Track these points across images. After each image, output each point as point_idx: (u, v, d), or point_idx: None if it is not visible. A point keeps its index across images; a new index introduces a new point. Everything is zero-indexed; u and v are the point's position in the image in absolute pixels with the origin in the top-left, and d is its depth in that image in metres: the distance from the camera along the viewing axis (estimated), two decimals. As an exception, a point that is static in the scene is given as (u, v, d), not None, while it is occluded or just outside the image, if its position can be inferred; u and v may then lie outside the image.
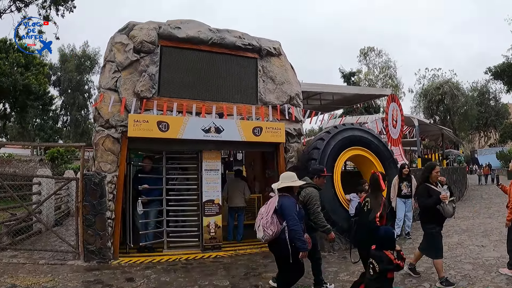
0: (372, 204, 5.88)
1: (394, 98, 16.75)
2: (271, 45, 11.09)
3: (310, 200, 6.72)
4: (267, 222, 5.58)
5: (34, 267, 8.32)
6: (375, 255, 5.14)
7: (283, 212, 5.64)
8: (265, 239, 5.61)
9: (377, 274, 5.07)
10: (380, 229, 5.34)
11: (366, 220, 5.82)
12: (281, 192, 5.90)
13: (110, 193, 9.01)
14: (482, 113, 54.82)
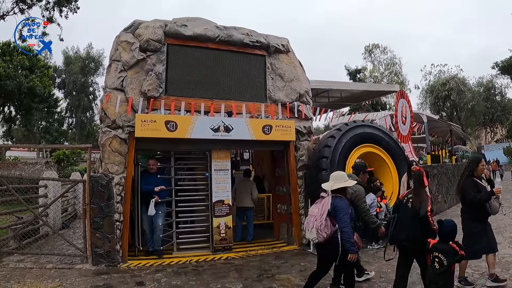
0: (415, 199, 5.69)
1: (403, 94, 16.56)
2: (279, 41, 10.91)
3: (358, 198, 6.83)
4: (321, 224, 5.58)
5: (41, 271, 8.15)
6: (441, 249, 5.12)
7: (337, 214, 5.63)
8: (318, 241, 5.65)
9: (444, 267, 5.04)
10: (444, 223, 5.30)
11: (413, 215, 5.62)
12: (334, 193, 5.84)
13: (118, 195, 8.84)
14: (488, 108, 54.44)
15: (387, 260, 6.08)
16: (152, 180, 9.54)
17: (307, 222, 5.87)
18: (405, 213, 5.79)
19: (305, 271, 8.10)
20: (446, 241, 5.16)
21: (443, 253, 5.08)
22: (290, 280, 7.54)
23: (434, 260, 5.17)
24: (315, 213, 5.76)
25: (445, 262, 5.03)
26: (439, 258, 5.10)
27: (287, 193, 10.89)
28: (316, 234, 5.60)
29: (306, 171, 10.60)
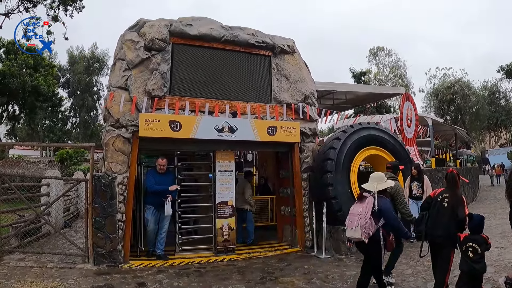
0: (452, 199, 5.99)
1: (409, 97, 16.47)
2: (284, 42, 10.84)
3: (398, 192, 7.36)
4: (366, 222, 5.78)
5: (42, 270, 8.08)
6: (474, 240, 5.68)
7: (384, 213, 5.90)
8: (362, 239, 5.78)
9: (479, 255, 5.60)
10: (474, 218, 5.84)
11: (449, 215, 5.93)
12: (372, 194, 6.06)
13: (120, 194, 8.77)
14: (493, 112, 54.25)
15: (422, 257, 6.20)
16: (163, 180, 9.26)
17: (350, 221, 6.00)
18: (440, 211, 6.02)
19: (308, 274, 8.04)
20: (477, 233, 5.74)
21: (477, 243, 5.63)
22: (293, 283, 7.44)
23: (468, 250, 5.67)
24: (359, 212, 5.91)
25: (479, 250, 5.59)
26: (473, 248, 5.63)
27: (291, 195, 10.81)
28: (360, 232, 5.75)
29: (310, 173, 10.52)
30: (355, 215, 5.95)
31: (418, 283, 7.22)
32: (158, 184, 9.09)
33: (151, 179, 9.21)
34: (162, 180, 9.18)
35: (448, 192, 6.13)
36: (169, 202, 8.96)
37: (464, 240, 5.76)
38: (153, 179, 9.19)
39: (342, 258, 9.31)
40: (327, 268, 8.45)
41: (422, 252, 6.10)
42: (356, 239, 5.91)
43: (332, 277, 7.77)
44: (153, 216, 9.19)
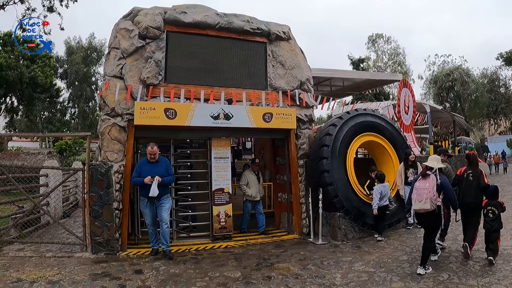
0: (475, 173, 7.85)
1: (406, 83, 16.41)
2: (280, 29, 10.79)
3: (450, 172, 8.91)
4: (433, 195, 6.89)
5: (40, 260, 8.11)
6: (493, 204, 7.55)
7: (444, 187, 7.13)
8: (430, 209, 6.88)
9: (495, 216, 7.46)
10: (490, 187, 7.68)
11: (476, 185, 7.74)
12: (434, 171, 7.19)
13: (117, 183, 8.80)
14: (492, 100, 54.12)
15: (457, 221, 8.07)
16: (153, 170, 8.36)
17: (419, 194, 6.97)
18: (467, 184, 7.82)
19: (304, 260, 8.06)
20: (494, 199, 7.58)
21: (495, 207, 7.50)
22: (289, 269, 7.47)
23: (488, 212, 7.53)
24: (427, 186, 6.93)
25: (496, 212, 7.46)
26: (492, 210, 7.49)
27: (287, 182, 10.83)
28: (429, 204, 6.82)
29: (307, 160, 10.52)
30: (423, 190, 6.94)
31: (413, 269, 7.22)
32: (148, 174, 8.25)
33: (137, 169, 8.57)
34: (151, 170, 8.34)
35: (471, 169, 7.98)
36: (156, 183, 8.16)
37: (485, 205, 7.62)
38: (139, 169, 8.50)
39: (339, 244, 9.34)
40: (323, 254, 8.48)
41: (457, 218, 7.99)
42: (425, 210, 6.90)
43: (327, 263, 7.80)
44: (147, 208, 8.47)
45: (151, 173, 8.28)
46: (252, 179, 10.82)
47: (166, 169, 8.61)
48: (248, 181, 10.77)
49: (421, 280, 6.63)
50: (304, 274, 7.13)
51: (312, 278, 6.90)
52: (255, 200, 10.74)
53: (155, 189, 8.16)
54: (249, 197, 10.69)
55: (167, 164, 8.79)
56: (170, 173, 8.68)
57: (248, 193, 10.69)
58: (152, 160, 8.52)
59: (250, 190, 10.68)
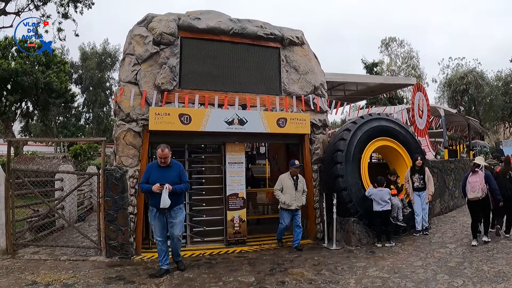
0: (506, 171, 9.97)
1: (420, 87, 16.32)
2: (293, 34, 10.82)
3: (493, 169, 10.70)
4: (483, 186, 9.24)
5: (55, 263, 8.19)
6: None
7: (489, 179, 9.46)
8: (482, 197, 9.21)
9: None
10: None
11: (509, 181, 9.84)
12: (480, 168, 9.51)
13: (132, 187, 8.87)
14: (507, 103, 53.46)
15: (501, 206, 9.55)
16: (164, 175, 7.44)
17: (472, 186, 9.26)
18: (504, 180, 9.83)
19: (318, 265, 8.05)
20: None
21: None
22: (303, 274, 7.46)
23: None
24: (477, 180, 9.28)
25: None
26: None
27: (301, 187, 10.80)
28: (481, 193, 9.17)
29: (321, 165, 10.51)
30: (475, 182, 9.26)
31: (427, 274, 7.20)
32: (157, 180, 7.30)
33: (145, 174, 7.67)
34: (161, 176, 7.41)
35: (506, 167, 10.05)
36: (166, 191, 7.17)
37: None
38: (147, 174, 7.57)
39: (353, 249, 9.31)
40: (337, 260, 8.46)
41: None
42: (477, 198, 9.19)
43: (341, 268, 7.77)
44: (156, 220, 7.52)
45: (161, 179, 7.30)
46: (288, 184, 9.68)
47: (179, 175, 7.60)
48: (282, 186, 9.73)
49: (435, 285, 6.59)
50: (318, 279, 7.12)
51: (326, 284, 6.89)
52: (290, 209, 9.57)
53: (166, 199, 7.16)
54: (283, 205, 9.63)
55: (181, 169, 7.75)
56: (184, 179, 7.66)
57: (282, 199, 9.64)
58: (163, 164, 7.52)
59: (284, 196, 9.61)
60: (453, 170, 15.73)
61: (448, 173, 15.20)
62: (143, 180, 7.58)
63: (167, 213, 7.43)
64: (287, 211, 9.61)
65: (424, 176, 10.66)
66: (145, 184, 7.45)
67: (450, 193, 15.06)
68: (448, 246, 9.31)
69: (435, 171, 13.53)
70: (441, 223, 12.32)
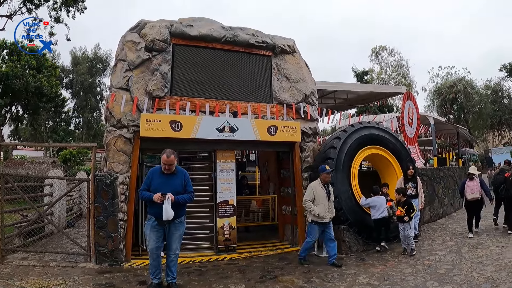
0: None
1: (410, 96, 16.47)
2: (285, 42, 10.89)
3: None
4: (479, 189, 11.44)
5: (44, 269, 8.15)
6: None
7: (483, 185, 11.80)
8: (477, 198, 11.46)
9: None
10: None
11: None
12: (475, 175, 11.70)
13: (122, 194, 8.85)
14: (496, 111, 53.98)
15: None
16: (167, 183, 6.86)
17: (471, 189, 11.46)
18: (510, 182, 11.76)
19: (308, 272, 8.08)
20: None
21: None
22: (293, 281, 7.48)
23: None
24: (475, 184, 11.46)
25: None
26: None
27: (292, 195, 10.85)
28: (478, 194, 11.37)
29: (311, 172, 10.55)
30: (474, 186, 11.43)
31: (417, 281, 7.26)
32: (160, 188, 6.72)
33: (146, 180, 7.03)
34: (165, 184, 6.83)
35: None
36: (168, 202, 6.54)
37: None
38: (149, 180, 6.96)
39: (343, 257, 9.33)
40: (327, 267, 8.49)
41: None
42: (476, 198, 11.40)
43: (332, 276, 7.81)
44: (153, 232, 6.83)
45: (164, 187, 6.72)
46: (321, 194, 8.77)
47: (184, 184, 7.00)
48: (315, 196, 8.75)
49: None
50: (308, 287, 7.16)
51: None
52: (323, 221, 8.72)
53: (169, 210, 6.52)
54: (316, 218, 8.69)
55: (186, 177, 7.11)
56: (189, 189, 7.03)
57: (315, 212, 8.65)
58: (167, 171, 6.90)
59: (317, 208, 8.65)
60: (443, 178, 15.87)
61: (438, 181, 15.33)
62: (144, 187, 6.94)
63: (166, 225, 6.81)
64: (319, 224, 8.73)
65: (417, 184, 10.75)
66: (146, 192, 6.82)
67: (439, 200, 15.18)
68: (438, 253, 9.40)
69: (425, 179, 13.65)
70: (431, 230, 12.43)
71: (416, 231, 10.84)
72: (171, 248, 6.90)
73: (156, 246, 6.81)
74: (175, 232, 6.87)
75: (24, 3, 25.84)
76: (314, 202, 8.68)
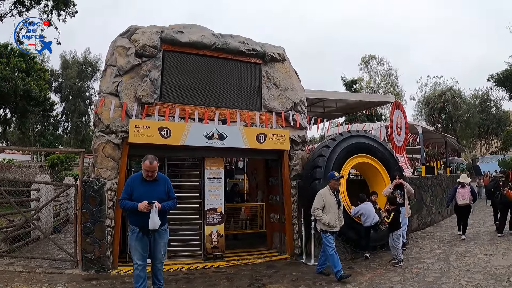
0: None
1: (399, 105, 16.54)
2: (275, 50, 10.93)
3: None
4: (469, 196, 12.44)
5: (30, 275, 8.08)
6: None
7: (473, 192, 12.85)
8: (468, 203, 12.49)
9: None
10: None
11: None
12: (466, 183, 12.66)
13: (110, 200, 8.80)
14: (483, 120, 54.44)
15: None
16: (150, 191, 6.44)
17: (462, 195, 12.44)
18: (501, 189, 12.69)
19: (296, 280, 8.08)
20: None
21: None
22: (281, 289, 7.49)
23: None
24: (466, 191, 12.44)
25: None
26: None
27: (280, 202, 10.85)
28: (468, 200, 12.38)
29: (299, 181, 10.56)
30: (465, 193, 12.43)
31: (404, 290, 7.30)
32: (142, 197, 6.29)
33: (126, 189, 6.58)
34: (148, 192, 6.41)
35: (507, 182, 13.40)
36: (156, 211, 6.18)
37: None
38: (129, 189, 6.52)
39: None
40: (315, 275, 8.50)
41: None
42: (466, 204, 12.39)
43: (319, 284, 7.83)
44: (137, 241, 6.41)
45: (147, 195, 6.30)
46: (331, 201, 8.39)
47: (167, 191, 6.68)
48: (324, 203, 8.37)
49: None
50: (296, 296, 7.15)
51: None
52: (333, 230, 8.39)
53: (155, 219, 6.18)
54: (326, 227, 8.30)
55: (168, 184, 6.78)
56: (172, 195, 6.73)
57: (325, 221, 8.26)
58: (149, 178, 6.50)
59: (327, 217, 8.27)
60: (430, 186, 15.96)
61: (426, 189, 15.42)
62: (124, 196, 6.46)
63: (151, 234, 6.41)
64: (331, 233, 8.36)
65: (404, 192, 10.79)
66: (128, 201, 6.35)
67: (427, 209, 15.26)
68: (426, 261, 9.45)
69: (413, 187, 13.68)
70: (419, 238, 12.50)
71: (404, 239, 10.88)
72: (157, 257, 6.54)
73: (143, 256, 6.41)
74: (160, 241, 6.51)
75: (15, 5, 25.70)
76: (323, 211, 8.28)
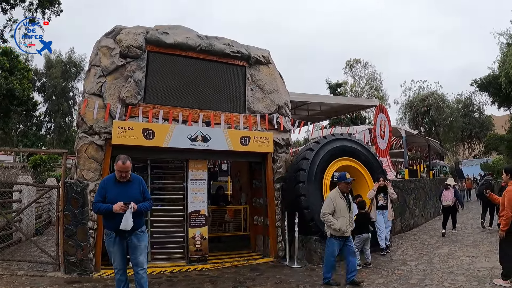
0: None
1: (382, 108, 16.68)
2: (260, 53, 10.95)
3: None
4: (453, 198, 13.70)
5: (12, 278, 7.97)
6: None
7: (456, 194, 14.09)
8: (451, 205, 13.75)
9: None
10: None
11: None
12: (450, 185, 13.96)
13: (92, 202, 8.70)
14: (466, 124, 54.91)
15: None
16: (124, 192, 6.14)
17: (446, 197, 13.85)
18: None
19: (280, 283, 8.07)
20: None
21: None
22: (264, 292, 7.48)
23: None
24: (449, 193, 13.79)
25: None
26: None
27: (264, 205, 10.86)
28: (451, 202, 13.61)
29: (283, 183, 10.58)
30: (448, 195, 13.79)
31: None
32: (117, 198, 6.00)
33: (100, 191, 6.25)
34: (122, 193, 6.12)
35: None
36: (131, 211, 5.90)
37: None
38: (103, 191, 6.20)
39: (314, 267, 9.38)
40: (299, 278, 8.51)
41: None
42: (448, 205, 13.74)
43: (303, 287, 7.83)
44: (115, 246, 6.12)
45: (121, 196, 6.02)
46: (342, 205, 7.83)
47: (142, 192, 6.38)
48: (335, 208, 7.80)
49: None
50: (279, 299, 7.15)
51: (286, 303, 6.92)
52: (344, 236, 7.79)
53: (129, 220, 5.89)
54: (337, 232, 7.73)
55: (143, 184, 6.49)
56: (147, 196, 6.44)
57: (335, 226, 7.67)
58: (122, 179, 6.22)
59: (338, 222, 7.68)
60: (414, 189, 16.09)
61: (409, 192, 15.54)
62: (98, 198, 6.15)
63: (128, 237, 6.09)
64: (339, 239, 7.80)
65: (387, 195, 10.85)
66: (102, 204, 6.05)
67: (410, 211, 15.38)
68: (409, 264, 9.51)
69: (396, 190, 13.77)
70: (402, 241, 12.58)
71: (388, 241, 10.94)
72: (138, 262, 6.15)
73: (122, 261, 6.20)
74: (139, 244, 6.15)
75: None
76: (334, 215, 7.72)
